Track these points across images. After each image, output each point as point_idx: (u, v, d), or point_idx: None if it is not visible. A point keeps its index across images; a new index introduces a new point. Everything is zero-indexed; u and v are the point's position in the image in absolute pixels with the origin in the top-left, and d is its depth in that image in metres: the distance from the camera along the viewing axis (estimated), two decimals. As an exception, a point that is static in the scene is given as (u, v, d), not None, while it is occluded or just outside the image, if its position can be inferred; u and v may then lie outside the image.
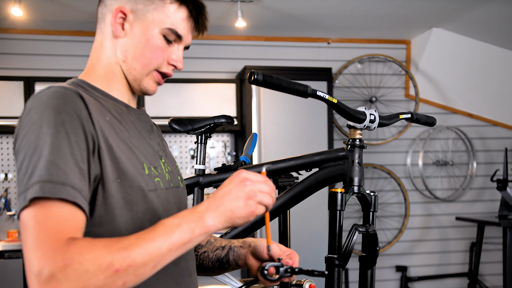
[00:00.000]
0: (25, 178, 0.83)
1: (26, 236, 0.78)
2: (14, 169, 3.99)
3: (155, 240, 0.81)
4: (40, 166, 0.82)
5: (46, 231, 0.78)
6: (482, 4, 3.62)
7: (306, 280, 1.49)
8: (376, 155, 4.58)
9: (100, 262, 0.77)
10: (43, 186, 0.80)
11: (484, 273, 4.76)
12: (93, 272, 0.76)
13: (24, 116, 0.90)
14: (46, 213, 0.79)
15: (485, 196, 4.78)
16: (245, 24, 3.87)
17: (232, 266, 1.18)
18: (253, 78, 1.11)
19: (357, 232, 1.25)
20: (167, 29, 1.02)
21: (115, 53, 1.03)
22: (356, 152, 1.29)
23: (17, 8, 3.34)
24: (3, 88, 3.72)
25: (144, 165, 0.99)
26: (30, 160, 0.83)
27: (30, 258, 0.77)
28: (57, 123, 0.86)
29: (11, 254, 3.51)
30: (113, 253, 0.78)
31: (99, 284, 0.77)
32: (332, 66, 4.30)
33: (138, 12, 1.01)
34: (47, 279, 0.75)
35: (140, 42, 1.02)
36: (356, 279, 4.16)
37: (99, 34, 1.06)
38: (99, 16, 1.05)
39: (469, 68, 4.46)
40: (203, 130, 1.64)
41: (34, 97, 0.91)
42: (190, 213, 0.86)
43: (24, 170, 0.84)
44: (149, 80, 1.05)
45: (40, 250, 0.76)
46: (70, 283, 0.75)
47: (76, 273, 0.75)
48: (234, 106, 4.04)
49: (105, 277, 0.77)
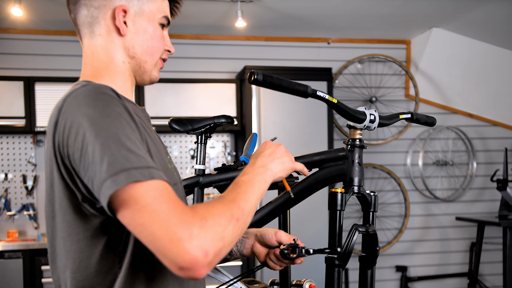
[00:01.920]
0: (103, 166, 0.83)
1: (147, 213, 0.81)
2: (15, 169, 3.99)
3: (247, 193, 0.95)
4: (123, 154, 0.84)
5: (167, 203, 0.83)
6: (482, 4, 3.62)
7: (306, 280, 1.49)
8: (376, 155, 4.58)
9: (225, 215, 0.86)
10: (138, 171, 0.83)
11: (484, 273, 4.76)
12: (224, 224, 0.85)
13: (73, 111, 0.89)
14: (154, 191, 0.83)
15: (485, 196, 4.78)
16: (245, 24, 3.87)
17: (234, 256, 1.28)
18: (253, 78, 1.11)
19: (357, 232, 1.25)
20: (162, 17, 1.08)
21: (122, 52, 1.05)
22: (356, 152, 1.29)
23: (17, 8, 3.34)
24: (3, 88, 3.72)
25: (166, 160, 1.05)
26: (106, 150, 0.84)
27: (166, 229, 0.80)
28: (116, 114, 0.89)
29: (11, 254, 3.51)
30: (228, 206, 0.89)
31: (229, 234, 0.86)
32: (332, 66, 4.31)
33: (136, 8, 1.04)
34: (194, 238, 0.80)
35: (146, 34, 1.05)
36: (356, 279, 4.16)
37: (94, 37, 1.05)
38: (87, 20, 1.04)
39: (469, 68, 4.46)
40: (203, 130, 1.64)
41: (75, 93, 0.92)
42: (254, 168, 1.03)
43: (99, 159, 0.84)
44: (156, 69, 1.11)
45: (173, 218, 0.81)
46: (213, 237, 0.82)
47: (213, 228, 0.83)
48: (234, 106, 4.04)
49: (233, 226, 0.87)
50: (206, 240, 0.81)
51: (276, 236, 1.25)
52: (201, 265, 0.80)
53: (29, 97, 3.73)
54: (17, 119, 3.73)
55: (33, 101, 3.74)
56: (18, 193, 4.00)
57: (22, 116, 3.73)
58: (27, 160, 4.00)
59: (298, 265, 1.39)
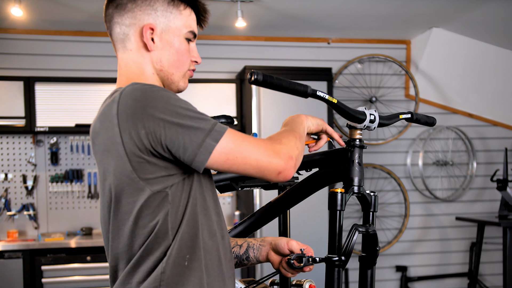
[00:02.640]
0: (197, 133, 1.03)
1: (245, 149, 1.06)
2: (15, 168, 3.99)
3: (297, 127, 1.22)
4: (203, 122, 1.04)
5: (248, 137, 1.09)
6: (482, 4, 3.62)
7: (306, 280, 1.49)
8: (376, 155, 4.58)
9: (292, 135, 1.16)
10: (220, 126, 1.05)
11: (484, 273, 4.76)
12: (294, 140, 1.14)
13: (137, 102, 1.02)
14: (235, 135, 1.07)
15: (485, 196, 4.78)
16: (245, 24, 3.87)
17: (251, 262, 1.38)
18: (253, 78, 1.11)
19: (357, 232, 1.24)
20: (188, 32, 1.19)
21: (151, 65, 1.17)
22: (356, 152, 1.29)
23: (17, 8, 3.34)
24: (3, 88, 3.72)
25: None
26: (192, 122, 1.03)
27: (262, 152, 1.08)
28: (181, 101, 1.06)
29: (11, 254, 3.51)
30: (290, 133, 1.18)
31: (299, 145, 1.15)
32: (332, 66, 4.30)
33: (163, 25, 1.16)
34: (282, 152, 1.09)
35: (172, 50, 1.17)
36: (356, 279, 4.16)
37: (125, 52, 1.18)
38: (120, 36, 1.18)
39: (469, 68, 4.46)
40: (203, 130, 1.64)
41: (133, 90, 1.04)
42: (293, 121, 1.25)
43: (189, 131, 1.02)
44: (185, 79, 1.23)
45: (262, 145, 1.09)
46: (292, 147, 1.12)
47: (288, 143, 1.12)
48: (234, 106, 4.04)
49: (298, 141, 1.16)
50: (288, 150, 1.10)
51: (288, 245, 1.32)
52: (291, 166, 1.09)
53: (29, 97, 3.73)
54: (17, 119, 3.73)
55: (33, 101, 3.74)
56: (18, 193, 4.00)
57: (22, 116, 3.73)
58: (27, 160, 4.00)
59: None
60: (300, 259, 1.22)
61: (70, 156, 4.06)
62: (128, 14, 1.15)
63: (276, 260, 1.34)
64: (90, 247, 3.63)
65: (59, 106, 3.80)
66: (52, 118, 3.78)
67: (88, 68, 4.10)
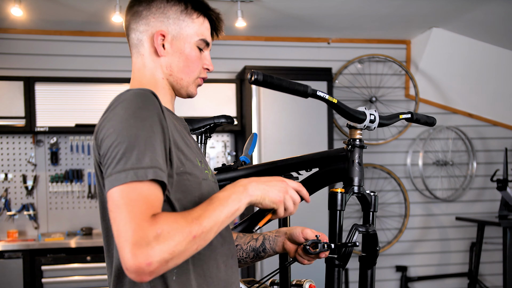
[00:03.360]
0: (114, 162, 0.97)
1: (119, 212, 0.93)
2: (15, 168, 3.99)
3: (216, 210, 1.00)
4: (133, 153, 0.96)
5: (138, 207, 0.93)
6: (482, 4, 3.62)
7: (306, 280, 1.49)
8: (376, 155, 4.58)
9: (183, 231, 0.94)
10: (136, 171, 0.95)
11: (484, 273, 4.76)
12: (179, 240, 0.93)
13: (110, 111, 1.03)
14: (138, 193, 0.94)
15: (485, 196, 4.78)
16: (245, 24, 3.87)
17: (268, 254, 1.40)
18: (253, 78, 1.11)
19: (357, 232, 1.25)
20: (200, 40, 1.21)
21: (160, 70, 1.20)
22: (356, 152, 1.29)
23: (17, 8, 3.34)
24: (3, 88, 3.72)
25: (196, 159, 1.16)
26: (120, 148, 0.97)
27: (124, 230, 0.91)
28: (143, 118, 1.00)
29: (11, 254, 3.51)
30: (190, 223, 0.96)
31: (182, 249, 0.94)
32: (332, 66, 4.30)
33: (174, 32, 1.19)
34: (143, 246, 0.89)
35: (182, 56, 1.20)
36: (356, 279, 4.16)
37: (139, 57, 1.21)
38: (134, 42, 1.21)
39: (469, 68, 4.46)
40: (203, 130, 1.64)
41: (118, 97, 1.05)
42: (235, 186, 1.06)
43: (113, 154, 0.97)
44: (194, 86, 1.25)
45: (133, 223, 0.91)
46: (162, 250, 0.91)
47: (167, 241, 0.92)
48: (234, 106, 4.04)
49: (187, 243, 0.94)
50: (155, 251, 0.90)
51: (303, 233, 1.33)
52: (142, 272, 0.90)
53: (29, 97, 3.73)
54: (17, 119, 3.73)
55: (33, 101, 3.74)
56: (18, 193, 4.00)
57: (22, 116, 3.73)
58: (27, 160, 4.00)
59: (298, 265, 1.40)
60: (315, 245, 1.23)
61: (70, 156, 4.06)
62: (143, 21, 1.19)
63: (292, 249, 1.35)
64: (90, 247, 3.63)
65: (59, 106, 3.80)
66: (52, 118, 3.78)
67: (88, 68, 4.10)
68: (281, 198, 1.10)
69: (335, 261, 1.24)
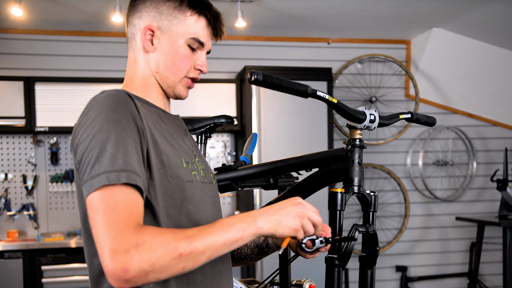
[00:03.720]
0: (88, 168, 0.94)
1: (98, 218, 0.90)
2: (15, 168, 3.99)
3: (213, 234, 0.94)
4: (105, 157, 0.94)
5: (117, 213, 0.90)
6: (482, 4, 3.62)
7: (306, 280, 1.49)
8: (376, 155, 4.58)
9: (168, 246, 0.89)
10: (109, 175, 0.92)
11: (484, 273, 4.76)
12: (161, 254, 0.89)
13: (83, 116, 1.01)
14: (114, 198, 0.91)
15: (485, 196, 4.78)
16: (245, 24, 3.87)
17: (272, 249, 1.35)
18: (253, 78, 1.11)
19: (357, 232, 1.24)
20: (190, 38, 1.16)
21: (148, 66, 1.17)
22: (356, 152, 1.29)
23: (17, 8, 3.34)
24: (3, 88, 3.72)
25: (182, 159, 1.11)
26: (93, 153, 0.95)
27: (104, 236, 0.88)
28: (115, 120, 0.98)
29: (11, 254, 3.51)
30: (179, 240, 0.91)
31: (164, 265, 0.89)
32: (332, 66, 4.30)
33: (164, 28, 1.15)
34: (122, 254, 0.86)
35: (169, 53, 1.16)
36: (356, 279, 4.16)
37: (131, 51, 1.19)
38: (129, 36, 1.19)
39: (469, 68, 4.46)
40: (203, 130, 1.64)
41: (92, 100, 1.03)
42: (245, 216, 1.00)
43: (88, 160, 0.95)
44: (181, 86, 1.19)
45: (113, 229, 0.88)
46: (141, 260, 0.87)
47: (147, 252, 0.88)
48: (234, 106, 4.04)
49: (170, 259, 0.89)
50: (133, 260, 0.86)
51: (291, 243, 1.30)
52: (119, 279, 0.87)
53: (29, 97, 3.73)
54: (17, 119, 3.73)
55: (33, 101, 3.74)
56: (18, 193, 4.00)
57: (22, 116, 3.73)
58: (27, 160, 4.00)
59: (298, 266, 1.40)
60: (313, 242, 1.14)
61: (70, 156, 4.06)
62: (137, 14, 1.17)
63: (294, 243, 1.28)
64: (90, 247, 3.63)
65: (59, 106, 3.80)
66: (52, 118, 3.78)
67: (88, 68, 4.10)
68: (297, 226, 1.02)
69: (335, 261, 1.24)
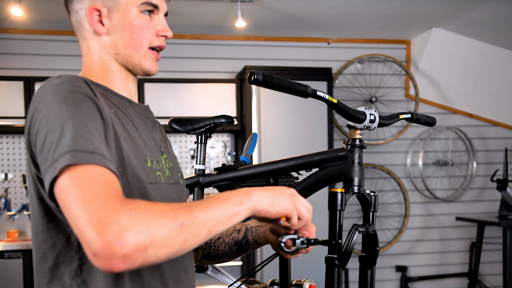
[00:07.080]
0: (50, 153, 0.82)
1: (73, 198, 0.76)
2: (15, 168, 3.99)
3: (210, 207, 0.83)
4: (67, 138, 0.81)
5: (98, 186, 0.77)
6: (482, 4, 3.62)
7: (306, 280, 1.49)
8: (376, 155, 4.58)
9: (166, 215, 0.76)
10: (74, 154, 0.79)
11: (484, 273, 4.76)
12: (160, 223, 0.75)
13: (38, 101, 0.89)
14: (88, 174, 0.78)
15: (485, 196, 4.78)
16: (245, 24, 3.87)
17: (252, 246, 1.22)
18: (253, 78, 1.11)
19: (357, 232, 1.24)
20: (142, 4, 1.02)
21: (105, 50, 1.04)
22: (356, 152, 1.29)
23: (17, 8, 3.34)
24: (3, 88, 3.72)
25: (147, 158, 1.00)
26: (54, 136, 0.83)
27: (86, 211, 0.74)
28: (75, 101, 0.87)
29: (11, 254, 3.51)
30: (176, 209, 0.79)
31: (165, 235, 0.75)
32: (332, 66, 4.30)
33: (110, 3, 1.01)
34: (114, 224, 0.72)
35: (124, 29, 1.02)
36: (356, 279, 4.16)
37: (83, 40, 1.06)
38: (74, 25, 1.06)
39: (469, 68, 4.46)
40: (203, 130, 1.64)
41: (45, 84, 0.92)
42: (238, 190, 0.89)
43: (48, 146, 0.83)
44: (147, 60, 1.05)
45: (97, 201, 0.74)
46: (138, 230, 0.73)
47: (143, 221, 0.74)
48: (234, 106, 4.04)
49: (171, 228, 0.76)
50: (130, 230, 0.72)
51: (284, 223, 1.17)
52: (114, 255, 0.71)
53: (29, 97, 3.73)
54: (17, 119, 3.73)
55: (33, 101, 3.73)
56: (18, 193, 4.00)
57: (22, 116, 3.73)
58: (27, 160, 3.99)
59: (298, 266, 1.38)
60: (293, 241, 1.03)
61: (70, 156, 4.06)
62: None
63: (275, 241, 1.14)
64: (90, 247, 3.63)
65: (59, 106, 3.80)
66: (52, 118, 3.78)
67: (88, 68, 4.10)
68: (292, 206, 0.94)
69: (335, 261, 1.24)
